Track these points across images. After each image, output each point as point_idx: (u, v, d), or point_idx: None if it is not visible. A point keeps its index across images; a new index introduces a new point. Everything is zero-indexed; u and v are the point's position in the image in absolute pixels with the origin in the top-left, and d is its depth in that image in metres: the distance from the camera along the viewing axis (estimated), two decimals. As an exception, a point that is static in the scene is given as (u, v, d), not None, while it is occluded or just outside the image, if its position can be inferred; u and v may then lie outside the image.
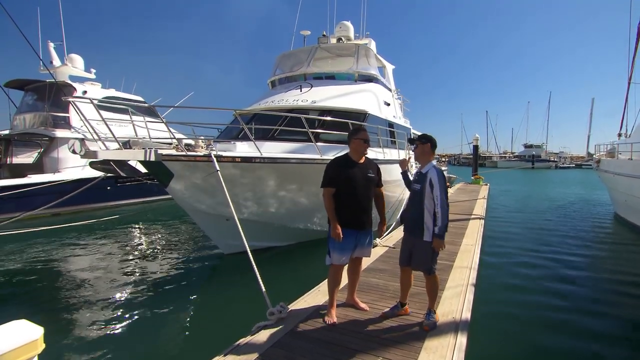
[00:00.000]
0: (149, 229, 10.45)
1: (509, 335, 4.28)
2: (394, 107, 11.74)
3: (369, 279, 4.43)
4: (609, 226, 11.62)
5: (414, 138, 3.44)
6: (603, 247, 8.90)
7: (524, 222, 11.66)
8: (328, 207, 3.24)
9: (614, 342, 4.20)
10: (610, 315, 4.91)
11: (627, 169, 10.40)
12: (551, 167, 58.51)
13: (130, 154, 5.31)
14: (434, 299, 3.28)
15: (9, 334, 1.58)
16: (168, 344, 4.21)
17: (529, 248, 8.17)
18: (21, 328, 1.65)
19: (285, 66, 11.28)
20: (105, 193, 13.55)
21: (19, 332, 1.62)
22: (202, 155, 5.50)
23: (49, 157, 13.05)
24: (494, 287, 5.72)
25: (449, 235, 6.67)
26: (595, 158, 14.50)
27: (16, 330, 1.62)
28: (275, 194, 6.79)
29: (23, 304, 5.49)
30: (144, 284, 5.96)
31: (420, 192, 3.14)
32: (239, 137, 8.05)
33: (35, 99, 14.47)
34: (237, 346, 2.87)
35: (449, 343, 2.89)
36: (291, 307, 3.59)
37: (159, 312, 4.96)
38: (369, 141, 3.41)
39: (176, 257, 7.53)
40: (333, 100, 8.74)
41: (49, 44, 14.93)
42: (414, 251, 3.22)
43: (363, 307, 3.56)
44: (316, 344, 2.92)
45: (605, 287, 5.99)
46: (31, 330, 1.66)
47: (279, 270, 6.43)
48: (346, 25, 12.80)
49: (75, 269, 6.93)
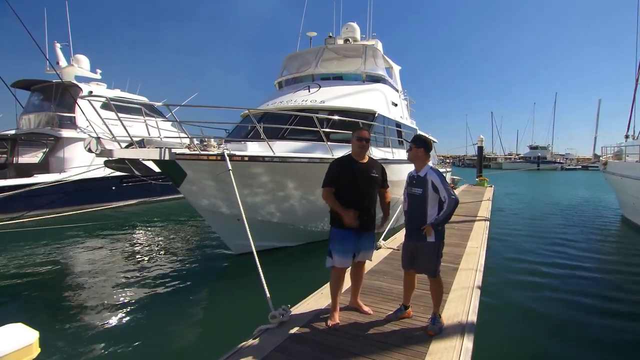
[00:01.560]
0: (154, 230, 10.47)
1: (516, 339, 4.20)
2: (401, 108, 11.73)
3: (372, 281, 4.38)
4: (617, 229, 11.46)
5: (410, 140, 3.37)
6: (611, 251, 8.78)
7: (529, 224, 11.54)
8: (332, 203, 3.18)
9: (622, 349, 4.11)
10: (619, 321, 4.80)
11: (635, 172, 10.24)
12: (557, 169, 58.07)
13: (145, 153, 5.38)
14: (438, 302, 3.21)
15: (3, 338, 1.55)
16: (170, 347, 4.18)
17: (535, 251, 8.06)
18: (16, 332, 1.62)
19: (293, 67, 11.31)
20: (110, 193, 13.61)
21: (14, 336, 1.58)
22: (215, 154, 5.53)
23: (55, 157, 13.14)
24: (500, 290, 5.63)
25: (454, 238, 6.61)
26: (602, 160, 14.31)
27: (11, 334, 1.59)
28: (288, 194, 6.84)
29: (21, 305, 5.48)
30: (148, 285, 5.94)
31: (423, 196, 3.07)
32: (248, 136, 8.08)
33: (41, 99, 14.60)
34: (239, 350, 2.83)
35: (455, 347, 2.83)
36: (294, 310, 3.53)
37: (162, 313, 4.94)
38: (365, 139, 3.30)
39: (182, 258, 7.52)
40: (342, 101, 8.75)
41: (56, 44, 15.07)
42: (417, 254, 3.16)
43: (366, 310, 3.51)
44: (318, 348, 2.87)
45: (614, 292, 5.86)
46: (26, 334, 1.62)
47: (287, 271, 6.43)
48: (353, 27, 12.78)
49: (78, 270, 6.94)
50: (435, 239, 3.06)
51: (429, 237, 3.05)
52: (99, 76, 16.18)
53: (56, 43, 15.09)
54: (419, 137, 3.32)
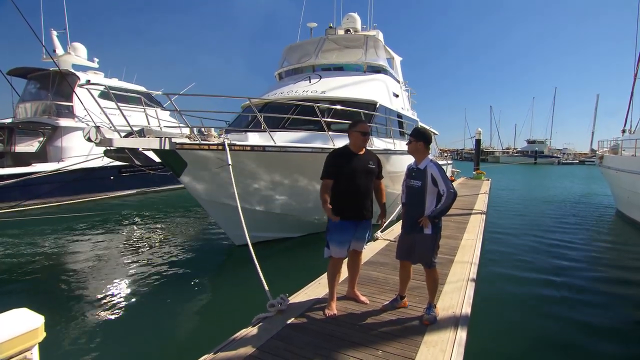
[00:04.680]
0: (154, 220, 10.49)
1: (509, 330, 4.29)
2: (402, 99, 11.70)
3: (369, 272, 4.44)
4: (611, 222, 11.59)
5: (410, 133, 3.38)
6: (605, 244, 8.88)
7: (525, 217, 11.64)
8: (323, 199, 3.21)
9: (613, 337, 4.21)
10: (611, 311, 4.91)
11: (631, 166, 10.31)
12: (554, 163, 58.36)
13: (145, 142, 5.33)
14: (434, 293, 3.27)
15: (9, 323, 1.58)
16: (169, 334, 4.24)
17: (530, 244, 8.16)
18: (22, 316, 1.65)
19: (293, 58, 11.23)
20: (108, 183, 13.60)
21: (19, 320, 1.62)
22: (216, 144, 5.51)
23: (53, 146, 13.09)
24: (494, 281, 5.72)
25: (450, 230, 6.67)
26: (599, 154, 14.38)
27: (17, 318, 1.63)
28: (289, 184, 6.83)
29: (24, 292, 5.54)
30: (148, 274, 5.99)
31: (421, 189, 3.09)
32: (249, 127, 8.07)
33: (38, 87, 14.46)
34: (237, 338, 2.88)
35: (449, 337, 2.89)
36: (291, 299, 3.59)
37: (162, 302, 5.00)
38: (368, 134, 3.35)
39: (183, 248, 7.58)
40: (343, 91, 8.72)
41: (52, 32, 14.85)
42: (414, 246, 3.20)
43: (363, 300, 3.57)
44: (315, 336, 2.93)
45: (607, 283, 5.97)
46: (32, 318, 1.66)
47: (287, 262, 6.48)
48: (353, 17, 12.67)
49: (78, 259, 6.98)
50: (432, 231, 3.10)
51: (426, 230, 3.09)
52: (97, 65, 16.03)
53: (53, 30, 14.89)
54: (419, 130, 3.32)
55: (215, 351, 2.68)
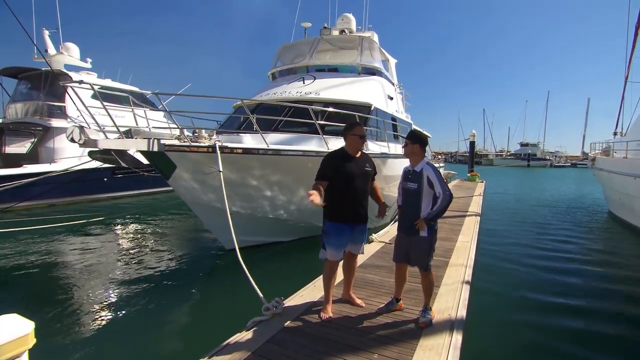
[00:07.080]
0: (146, 222, 10.40)
1: (504, 333, 4.29)
2: (397, 102, 11.68)
3: (364, 275, 4.43)
4: (603, 223, 11.72)
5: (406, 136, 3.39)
6: (597, 245, 8.97)
7: (519, 219, 11.71)
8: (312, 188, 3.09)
9: (608, 339, 4.23)
10: (605, 312, 4.95)
11: (622, 167, 10.44)
12: (546, 166, 59.08)
13: (132, 144, 5.17)
14: (429, 295, 3.27)
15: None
16: (163, 339, 4.19)
17: (524, 246, 8.21)
18: (12, 322, 1.61)
19: (287, 58, 11.11)
20: (101, 184, 13.46)
21: (9, 326, 1.58)
22: (206, 146, 5.38)
23: (45, 147, 12.92)
24: (489, 284, 5.72)
25: (445, 232, 6.68)
26: (591, 156, 14.54)
27: (6, 324, 1.59)
28: (283, 187, 6.73)
29: (15, 297, 5.44)
30: (140, 278, 5.92)
31: (418, 191, 3.10)
32: (241, 128, 7.97)
33: (29, 87, 14.26)
34: (232, 341, 2.85)
35: (445, 341, 2.89)
36: (287, 302, 3.57)
37: (155, 306, 4.93)
38: (365, 137, 3.37)
39: (174, 252, 7.48)
40: (337, 93, 8.63)
41: (44, 31, 14.65)
42: (409, 248, 3.20)
43: (359, 303, 3.55)
44: (311, 339, 2.91)
45: (600, 284, 6.01)
46: (22, 324, 1.62)
47: (281, 265, 6.41)
48: (348, 18, 12.65)
49: (69, 263, 6.88)
50: (427, 233, 3.10)
51: (422, 232, 3.09)
52: (90, 65, 15.85)
53: (44, 30, 14.70)
54: (415, 133, 3.34)
55: (210, 355, 2.66)
